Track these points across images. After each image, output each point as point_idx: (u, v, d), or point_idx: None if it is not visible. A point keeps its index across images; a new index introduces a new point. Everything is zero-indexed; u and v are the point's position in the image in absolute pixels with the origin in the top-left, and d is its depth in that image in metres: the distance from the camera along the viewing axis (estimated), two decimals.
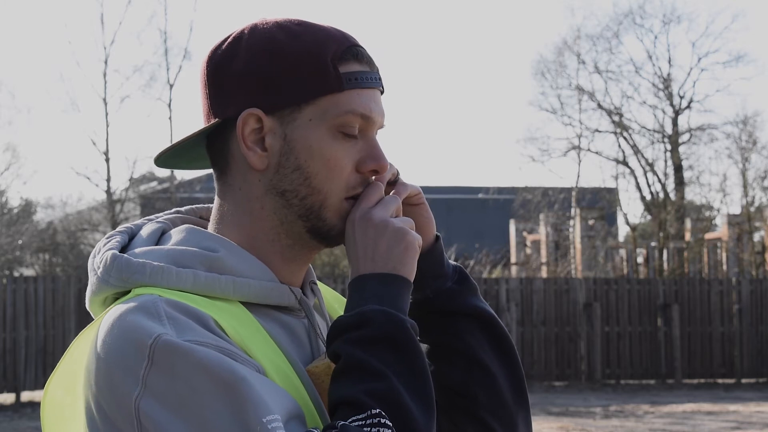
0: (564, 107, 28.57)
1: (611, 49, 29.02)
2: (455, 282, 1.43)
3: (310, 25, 1.30)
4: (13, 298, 15.15)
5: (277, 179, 1.28)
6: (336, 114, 1.27)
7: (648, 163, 28.21)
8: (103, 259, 1.26)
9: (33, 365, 15.22)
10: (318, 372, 1.27)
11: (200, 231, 1.29)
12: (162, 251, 1.25)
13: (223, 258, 1.25)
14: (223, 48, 1.30)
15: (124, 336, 1.14)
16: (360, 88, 1.29)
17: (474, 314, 1.42)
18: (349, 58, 1.29)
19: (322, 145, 1.27)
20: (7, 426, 12.91)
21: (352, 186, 1.29)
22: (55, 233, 24.90)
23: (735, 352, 17.44)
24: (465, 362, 1.41)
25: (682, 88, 28.76)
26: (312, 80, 1.26)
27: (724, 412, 13.62)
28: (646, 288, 17.49)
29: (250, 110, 1.26)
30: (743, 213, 23.86)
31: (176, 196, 25.07)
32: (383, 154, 1.31)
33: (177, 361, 1.11)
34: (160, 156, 1.33)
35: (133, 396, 1.12)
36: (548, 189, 28.35)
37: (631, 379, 17.15)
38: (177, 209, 1.40)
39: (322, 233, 1.29)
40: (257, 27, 1.30)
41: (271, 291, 1.27)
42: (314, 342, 1.32)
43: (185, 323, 1.14)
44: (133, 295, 1.20)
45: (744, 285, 17.70)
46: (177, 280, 1.22)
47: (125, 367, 1.13)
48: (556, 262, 24.75)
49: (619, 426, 12.30)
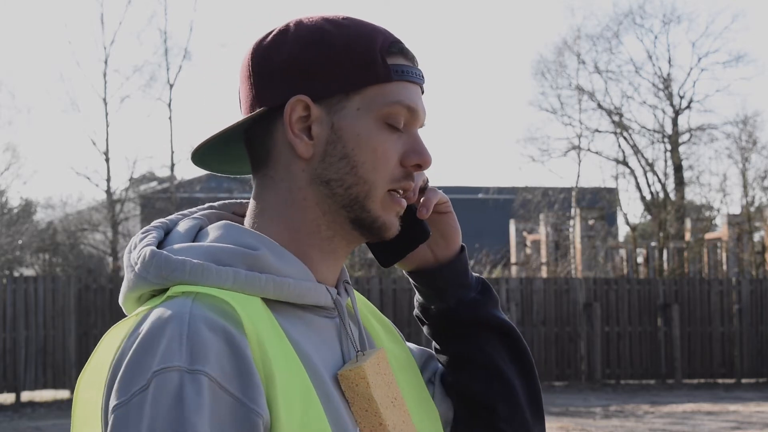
0: (564, 107, 28.58)
1: (611, 49, 29.04)
2: (478, 293, 1.43)
3: (355, 19, 1.30)
4: (13, 298, 15.15)
5: (322, 168, 1.26)
6: (383, 104, 1.26)
7: (648, 163, 28.22)
8: (141, 255, 1.23)
9: (33, 365, 15.23)
10: (351, 376, 1.25)
11: (238, 227, 1.27)
12: (201, 248, 1.23)
13: (264, 256, 1.23)
14: (269, 39, 1.29)
15: (140, 349, 1.13)
16: (407, 81, 1.28)
17: (495, 326, 1.42)
18: (395, 52, 1.29)
19: (370, 135, 1.26)
20: (7, 426, 12.91)
21: (396, 179, 1.28)
22: (55, 233, 24.90)
23: (735, 352, 17.45)
24: (485, 373, 1.41)
25: (682, 88, 28.78)
26: (360, 69, 1.25)
27: (724, 412, 13.62)
28: (646, 288, 17.50)
29: (298, 97, 1.25)
30: (743, 213, 23.87)
31: (176, 196, 25.06)
32: (427, 150, 1.30)
33: (163, 400, 1.09)
34: (198, 150, 1.30)
35: (114, 404, 1.12)
36: (548, 189, 28.35)
37: (631, 379, 17.15)
38: (210, 204, 1.38)
39: (365, 224, 1.28)
40: (303, 20, 1.29)
41: (308, 291, 1.25)
42: (345, 343, 1.30)
43: (201, 348, 1.12)
44: (171, 295, 1.18)
45: (744, 285, 17.71)
46: (217, 279, 1.19)
47: (128, 378, 1.12)
48: (556, 262, 24.75)
49: (619, 426, 12.30)
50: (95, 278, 16.49)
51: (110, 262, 24.11)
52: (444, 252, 1.41)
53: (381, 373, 1.29)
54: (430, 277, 1.41)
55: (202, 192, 29.29)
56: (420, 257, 1.41)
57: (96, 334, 15.73)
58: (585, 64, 28.63)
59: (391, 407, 1.28)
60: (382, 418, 1.25)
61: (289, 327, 1.22)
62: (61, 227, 25.77)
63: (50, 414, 14.06)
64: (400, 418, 1.29)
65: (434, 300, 1.42)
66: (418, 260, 1.42)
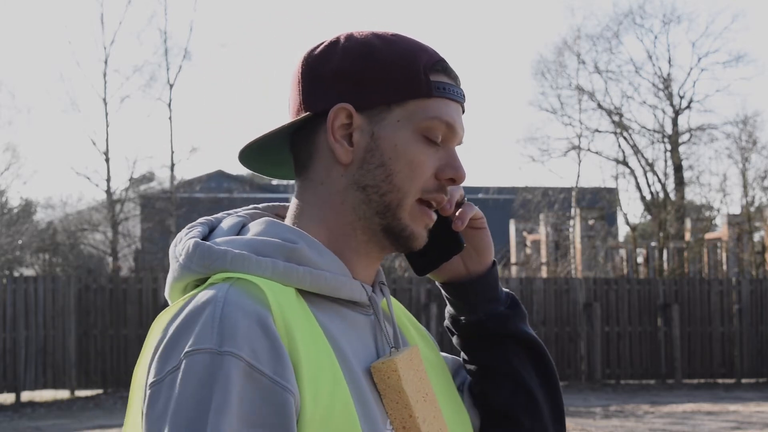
0: (564, 107, 28.59)
1: (611, 49, 29.05)
2: (507, 307, 1.48)
3: (404, 36, 1.37)
4: (13, 298, 15.16)
5: (360, 174, 1.32)
6: (423, 118, 1.32)
7: (648, 163, 28.22)
8: (185, 247, 1.30)
9: (33, 365, 15.23)
10: (383, 368, 1.29)
11: (279, 223, 1.33)
12: (243, 240, 1.30)
13: (302, 249, 1.29)
14: (320, 49, 1.35)
15: (177, 331, 1.20)
16: (447, 98, 1.34)
17: (523, 340, 1.48)
18: (439, 70, 1.34)
19: (407, 146, 1.32)
20: (7, 426, 12.91)
21: (429, 190, 1.34)
22: (55, 233, 24.90)
23: (735, 352, 17.45)
24: (512, 386, 1.46)
25: (682, 88, 28.79)
26: (403, 83, 1.32)
27: (724, 412, 13.62)
28: (646, 288, 17.50)
29: (341, 104, 1.31)
30: (743, 213, 23.87)
31: (176, 196, 25.06)
32: (462, 166, 1.35)
33: (191, 380, 1.16)
34: (245, 151, 1.37)
35: (149, 381, 1.19)
36: (548, 189, 28.36)
37: (631, 379, 17.15)
38: (254, 206, 1.44)
39: (395, 232, 1.33)
40: (353, 33, 1.36)
41: (343, 285, 1.30)
42: (379, 339, 1.35)
43: (232, 330, 1.17)
44: (212, 282, 1.25)
45: (744, 285, 17.71)
46: (256, 268, 1.26)
47: (164, 357, 1.19)
48: (556, 262, 24.75)
49: (619, 426, 12.30)
50: (95, 278, 16.48)
51: (110, 262, 24.11)
52: (476, 266, 1.47)
53: (413, 369, 1.33)
54: (461, 290, 1.47)
55: (202, 192, 29.28)
56: (453, 270, 1.47)
57: (96, 334, 15.74)
58: (585, 64, 28.64)
59: (422, 401, 1.32)
60: (412, 411, 1.29)
61: (324, 319, 1.28)
62: (61, 227, 25.77)
63: (50, 414, 14.06)
64: (431, 413, 1.33)
65: (464, 312, 1.48)
66: (451, 272, 1.48)
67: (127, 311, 15.88)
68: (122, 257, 24.84)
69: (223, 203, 27.68)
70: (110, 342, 15.77)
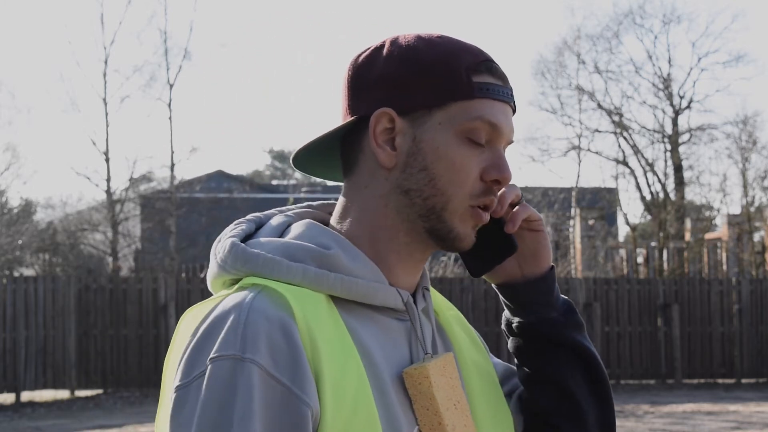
0: (564, 107, 28.59)
1: (611, 49, 29.04)
2: (561, 314, 1.47)
3: (449, 38, 1.36)
4: (13, 298, 15.15)
5: (402, 178, 1.32)
6: (464, 119, 1.31)
7: (648, 163, 28.22)
8: (223, 246, 1.32)
9: (33, 365, 15.23)
10: (415, 374, 1.29)
11: (319, 227, 1.34)
12: (278, 243, 1.31)
13: (335, 255, 1.29)
14: (365, 55, 1.36)
15: (203, 336, 1.22)
16: (491, 99, 1.33)
17: (574, 348, 1.47)
18: (483, 70, 1.34)
19: (449, 149, 1.31)
20: (7, 426, 12.91)
21: (476, 194, 1.33)
22: (55, 233, 24.89)
23: (735, 352, 17.44)
24: (556, 392, 1.46)
25: (682, 88, 28.78)
26: (444, 86, 1.31)
27: (724, 412, 13.61)
28: (646, 288, 17.49)
29: (383, 109, 1.32)
30: (743, 213, 23.85)
31: (176, 196, 25.05)
32: (508, 166, 1.34)
33: (216, 386, 1.17)
34: (298, 155, 1.39)
35: (176, 384, 1.20)
36: (548, 189, 28.35)
37: (631, 379, 17.15)
38: (309, 203, 1.45)
39: (440, 235, 1.33)
40: (399, 38, 1.36)
41: (377, 291, 1.30)
42: (414, 346, 1.34)
43: (254, 338, 1.19)
44: (241, 286, 1.27)
45: (744, 285, 17.70)
46: (287, 273, 1.27)
47: (190, 362, 1.21)
48: (556, 262, 24.74)
49: (619, 426, 12.29)
50: (95, 278, 16.47)
51: (110, 262, 24.10)
52: (532, 269, 1.46)
53: (446, 376, 1.34)
54: (515, 292, 1.46)
55: (202, 192, 29.28)
56: (508, 272, 1.47)
57: (96, 334, 15.74)
58: (585, 64, 28.64)
59: (452, 409, 1.32)
60: (441, 418, 1.30)
61: (356, 325, 1.29)
62: (61, 227, 25.76)
63: (50, 414, 14.05)
64: (461, 422, 1.33)
65: (518, 314, 1.47)
66: (506, 274, 1.47)
67: (127, 311, 15.88)
68: (122, 257, 24.83)
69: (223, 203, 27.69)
70: (110, 342, 15.76)
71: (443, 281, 16.84)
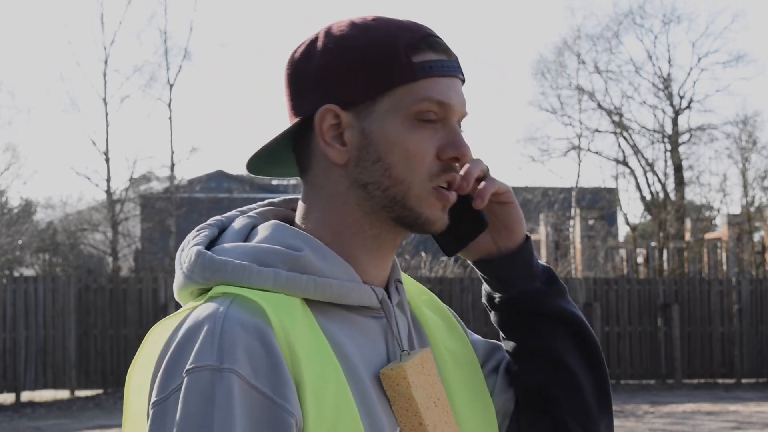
0: (564, 107, 28.60)
1: (611, 49, 29.05)
2: (543, 283, 1.43)
3: (383, 19, 1.31)
4: (13, 298, 15.15)
5: (357, 173, 1.28)
6: (411, 103, 1.26)
7: (648, 163, 28.22)
8: (188, 255, 1.27)
9: (33, 365, 15.23)
10: (392, 375, 1.26)
11: (286, 228, 1.30)
12: (246, 248, 1.26)
13: (306, 257, 1.25)
14: (300, 51, 1.32)
15: (177, 349, 1.18)
16: (436, 77, 1.28)
17: (560, 316, 1.42)
18: (423, 48, 1.28)
19: (399, 136, 1.27)
20: (7, 426, 12.91)
21: (435, 173, 1.28)
22: (55, 233, 24.90)
23: (735, 352, 17.44)
24: (548, 363, 1.41)
25: (682, 88, 28.78)
26: (384, 72, 1.26)
27: (724, 412, 13.61)
28: (646, 288, 17.49)
29: (326, 106, 1.27)
30: (743, 213, 23.86)
31: (176, 196, 25.06)
32: (464, 142, 1.30)
33: (194, 398, 1.14)
34: (252, 160, 1.34)
35: (153, 400, 1.16)
36: (548, 189, 28.37)
37: (631, 379, 17.14)
38: (270, 201, 1.41)
39: (408, 222, 1.29)
40: (332, 27, 1.31)
41: (351, 291, 1.26)
42: (391, 344, 1.31)
43: (231, 347, 1.15)
44: (212, 295, 1.22)
45: (744, 285, 17.70)
46: (258, 279, 1.22)
47: (166, 376, 1.17)
48: (556, 262, 24.74)
49: (619, 426, 12.29)
50: (95, 278, 16.48)
51: (110, 262, 24.11)
52: (506, 243, 1.41)
53: (424, 374, 1.30)
54: (492, 268, 1.42)
55: (202, 192, 29.28)
56: (482, 247, 1.42)
57: (96, 334, 15.74)
58: (585, 64, 28.65)
59: (432, 407, 1.29)
60: (422, 418, 1.26)
61: (333, 328, 1.24)
62: (61, 227, 25.77)
63: (50, 414, 14.05)
64: (442, 419, 1.30)
65: (498, 289, 1.43)
66: (481, 250, 1.42)
67: (127, 311, 15.88)
68: (122, 257, 24.84)
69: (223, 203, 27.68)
70: (110, 342, 15.76)
71: (443, 281, 16.85)
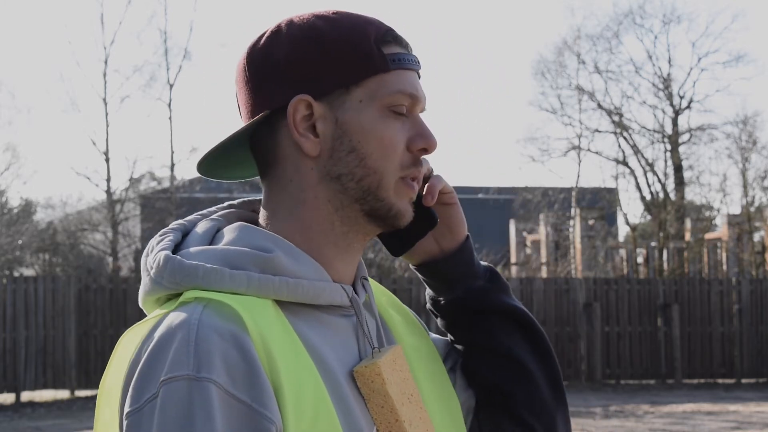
0: (564, 107, 28.60)
1: (611, 49, 29.05)
2: (486, 281, 1.44)
3: (346, 13, 1.31)
4: (13, 298, 15.15)
5: (331, 164, 1.27)
6: (385, 94, 1.27)
7: (648, 163, 28.23)
8: (156, 260, 1.24)
9: (33, 365, 15.23)
10: (366, 373, 1.25)
11: (253, 229, 1.27)
12: (216, 252, 1.23)
13: (277, 258, 1.23)
14: (262, 42, 1.29)
15: (151, 357, 1.15)
16: (404, 69, 1.29)
17: (507, 312, 1.43)
18: (389, 41, 1.30)
19: (375, 125, 1.26)
20: (7, 426, 12.91)
21: (405, 165, 1.29)
22: (55, 233, 24.89)
23: (735, 352, 17.45)
24: (500, 360, 1.42)
25: (682, 88, 28.79)
26: (358, 62, 1.26)
27: (724, 412, 13.62)
28: (646, 288, 17.50)
29: (299, 96, 1.25)
30: (743, 213, 23.86)
31: (176, 196, 25.05)
32: (432, 133, 1.30)
33: (171, 409, 1.11)
34: (204, 161, 1.31)
35: (127, 410, 1.14)
36: (548, 189, 28.36)
37: (631, 379, 17.16)
38: (230, 203, 1.39)
39: (380, 214, 1.29)
40: (294, 19, 1.30)
41: (323, 291, 1.25)
42: (362, 341, 1.30)
43: (208, 356, 1.12)
44: (183, 301, 1.19)
45: (744, 285, 17.71)
46: (230, 282, 1.20)
47: (140, 385, 1.14)
48: (556, 262, 24.74)
49: (619, 426, 12.30)
50: (95, 278, 16.48)
51: (110, 262, 24.11)
52: (449, 243, 1.42)
53: (397, 370, 1.29)
54: (436, 269, 1.42)
55: (202, 192, 29.27)
56: (426, 250, 1.42)
57: (96, 334, 15.75)
58: (585, 64, 28.65)
59: (407, 403, 1.28)
60: (398, 415, 1.26)
61: (305, 328, 1.23)
62: (61, 227, 25.76)
63: (50, 414, 14.06)
64: (417, 414, 1.29)
65: (443, 292, 1.43)
66: (424, 253, 1.42)
67: (127, 311, 15.88)
68: (122, 257, 24.83)
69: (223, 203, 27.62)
70: (110, 342, 15.75)
71: None
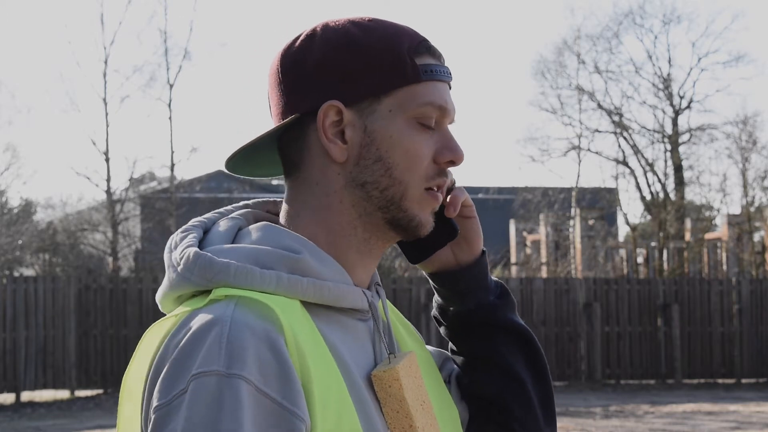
0: (564, 107, 28.59)
1: (611, 49, 29.05)
2: (497, 297, 1.46)
3: (381, 21, 1.32)
4: (13, 298, 15.15)
5: (357, 171, 1.28)
6: (415, 105, 1.28)
7: (648, 163, 28.22)
8: (184, 256, 1.24)
9: (33, 365, 15.23)
10: (385, 377, 1.26)
11: (279, 229, 1.28)
12: (244, 250, 1.24)
13: (305, 259, 1.24)
14: (297, 45, 1.30)
15: (182, 352, 1.15)
16: (436, 80, 1.30)
17: (512, 329, 1.45)
18: (423, 51, 1.30)
19: (403, 136, 1.27)
20: (7, 426, 12.91)
21: (431, 176, 1.30)
22: (55, 233, 24.90)
23: (735, 352, 17.45)
24: (502, 375, 1.44)
25: (682, 88, 28.78)
26: (390, 72, 1.27)
27: (724, 412, 13.62)
28: (646, 288, 17.50)
29: (330, 102, 1.26)
30: (743, 213, 23.87)
31: (176, 196, 25.05)
32: (459, 146, 1.31)
33: (200, 404, 1.11)
34: (232, 158, 1.32)
35: (155, 405, 1.14)
36: (548, 189, 28.36)
37: (631, 379, 17.16)
38: (245, 203, 1.39)
39: (402, 224, 1.30)
40: (329, 24, 1.30)
41: (346, 294, 1.26)
42: (377, 346, 1.31)
43: (240, 352, 1.12)
44: (214, 298, 1.19)
45: (744, 285, 17.71)
46: (261, 282, 1.20)
47: (169, 380, 1.14)
48: (556, 262, 24.74)
49: (619, 426, 12.30)
50: (95, 278, 16.48)
51: (110, 262, 24.11)
52: (466, 255, 1.43)
53: (412, 376, 1.31)
54: (450, 280, 1.43)
55: (202, 192, 29.27)
56: (442, 260, 1.44)
57: (96, 334, 15.74)
58: (585, 64, 28.64)
59: (420, 409, 1.30)
60: (412, 420, 1.27)
61: (326, 330, 1.24)
62: (61, 227, 25.76)
63: (50, 414, 14.06)
64: (428, 421, 1.31)
65: (453, 302, 1.45)
66: (440, 262, 1.44)
67: (127, 311, 15.89)
68: (122, 257, 24.84)
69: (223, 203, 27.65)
70: (110, 342, 15.77)
71: None
